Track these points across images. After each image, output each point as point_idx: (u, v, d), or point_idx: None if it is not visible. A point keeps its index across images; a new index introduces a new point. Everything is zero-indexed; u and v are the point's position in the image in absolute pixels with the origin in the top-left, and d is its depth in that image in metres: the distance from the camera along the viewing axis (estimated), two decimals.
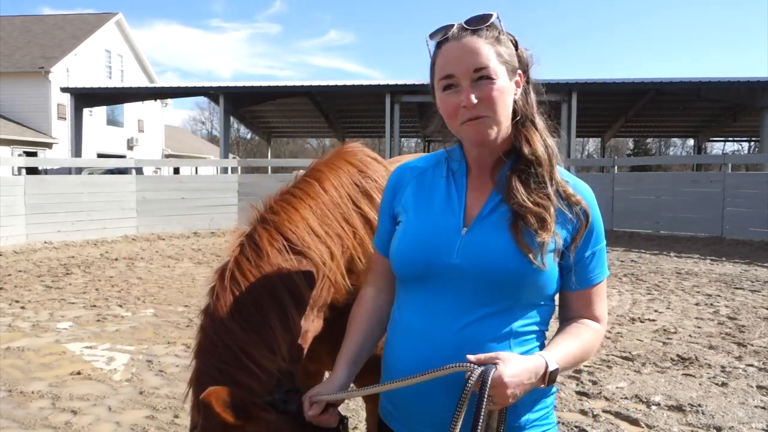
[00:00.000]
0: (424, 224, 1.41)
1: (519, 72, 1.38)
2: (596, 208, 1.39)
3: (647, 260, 10.83)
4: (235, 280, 1.53)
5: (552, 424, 1.42)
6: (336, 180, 1.85)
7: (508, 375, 1.19)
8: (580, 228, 1.34)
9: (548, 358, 1.26)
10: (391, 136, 20.54)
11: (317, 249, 1.66)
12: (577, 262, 1.35)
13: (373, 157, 2.09)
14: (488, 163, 1.41)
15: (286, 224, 1.65)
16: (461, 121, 1.34)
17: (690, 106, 24.08)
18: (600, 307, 1.41)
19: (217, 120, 30.39)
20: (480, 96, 1.30)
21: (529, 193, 1.33)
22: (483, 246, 1.32)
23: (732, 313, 6.77)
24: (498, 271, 1.29)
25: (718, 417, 3.87)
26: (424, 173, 1.50)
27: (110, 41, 30.32)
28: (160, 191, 14.79)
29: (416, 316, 1.38)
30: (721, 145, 43.81)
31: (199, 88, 23.46)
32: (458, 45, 1.33)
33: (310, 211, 1.72)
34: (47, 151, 25.64)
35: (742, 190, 13.65)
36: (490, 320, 1.31)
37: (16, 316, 6.51)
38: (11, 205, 12.02)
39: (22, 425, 3.78)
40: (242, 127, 43.89)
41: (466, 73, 1.31)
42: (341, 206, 1.79)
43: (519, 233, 1.29)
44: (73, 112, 22.08)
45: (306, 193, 1.77)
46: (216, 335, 1.46)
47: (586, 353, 1.38)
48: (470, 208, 1.39)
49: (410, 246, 1.40)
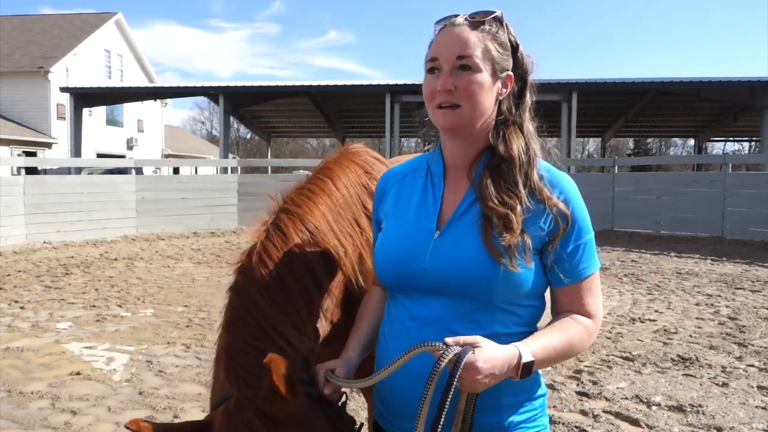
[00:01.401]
0: (400, 230, 1.41)
1: (509, 74, 1.37)
2: (578, 200, 1.35)
3: (647, 260, 10.83)
4: (262, 261, 1.54)
5: (543, 426, 1.39)
6: (346, 179, 1.87)
7: (481, 360, 1.18)
8: (557, 231, 1.31)
9: (522, 349, 1.23)
10: (391, 136, 20.54)
11: (335, 244, 1.69)
12: (559, 258, 1.32)
13: (376, 157, 2.10)
14: (463, 161, 1.40)
15: (308, 217, 1.68)
16: (435, 105, 1.35)
17: (690, 106, 24.08)
18: (591, 302, 1.36)
19: (217, 120, 30.39)
20: (457, 84, 1.31)
21: (498, 191, 1.31)
22: (453, 250, 1.31)
23: (732, 313, 6.76)
24: (468, 275, 1.28)
25: (718, 417, 3.86)
26: (404, 178, 1.51)
27: (110, 41, 30.31)
28: (160, 191, 14.79)
29: (401, 322, 1.38)
30: (721, 145, 43.81)
31: (199, 88, 23.47)
32: (451, 32, 1.35)
33: (327, 208, 1.75)
34: (47, 151, 25.64)
35: (742, 190, 13.65)
36: (470, 324, 1.30)
37: (16, 317, 6.50)
38: (11, 205, 12.01)
39: (21, 425, 3.77)
40: (242, 127, 43.90)
41: (448, 59, 1.32)
42: (351, 206, 1.82)
43: (488, 235, 1.28)
44: (72, 112, 22.08)
45: (322, 190, 1.79)
46: (246, 311, 1.46)
47: (572, 348, 1.32)
48: (445, 210, 1.38)
49: (386, 254, 1.41)
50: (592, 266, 1.36)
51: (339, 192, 1.82)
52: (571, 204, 1.33)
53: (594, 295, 1.37)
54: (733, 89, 19.27)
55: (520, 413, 1.35)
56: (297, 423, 1.33)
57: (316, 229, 1.67)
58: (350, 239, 1.76)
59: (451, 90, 1.31)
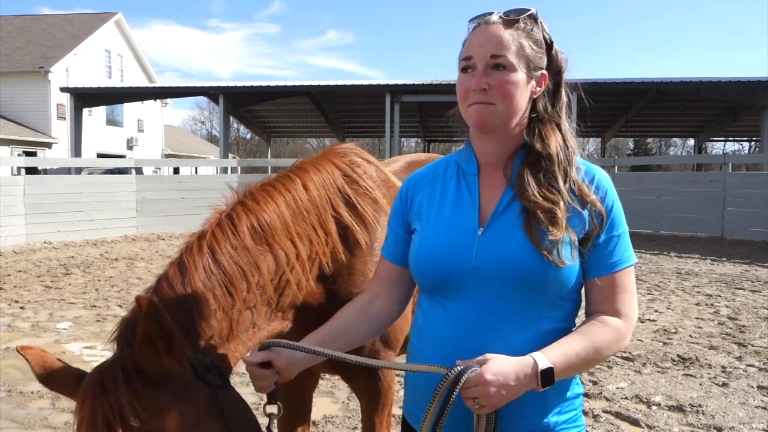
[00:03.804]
0: (440, 230, 1.39)
1: (543, 72, 1.37)
2: (613, 193, 1.36)
3: (648, 260, 10.83)
4: (207, 246, 1.55)
5: (581, 426, 1.39)
6: (318, 180, 1.82)
7: (490, 373, 1.18)
8: (592, 230, 1.31)
9: (538, 358, 1.22)
10: (391, 136, 20.51)
11: (284, 245, 1.65)
12: (592, 248, 1.32)
13: (366, 158, 2.04)
14: (497, 159, 1.39)
15: (262, 214, 1.65)
16: (468, 104, 1.34)
17: (690, 106, 24.05)
18: (623, 300, 1.32)
19: (217, 120, 30.35)
20: (491, 83, 1.30)
21: (540, 187, 1.31)
22: (500, 246, 1.30)
23: (732, 313, 6.76)
24: (518, 270, 1.27)
25: (718, 417, 3.86)
26: (435, 179, 1.49)
27: (110, 41, 30.31)
28: (160, 191, 14.79)
29: (442, 323, 1.36)
30: (721, 145, 43.76)
31: (199, 88, 23.45)
32: (485, 30, 1.34)
33: (287, 207, 1.71)
34: (47, 151, 25.64)
35: (742, 190, 13.65)
36: (516, 321, 1.29)
37: (16, 316, 6.50)
38: (11, 205, 12.01)
39: (22, 425, 3.77)
40: (242, 127, 43.88)
41: (482, 57, 1.32)
42: (319, 208, 1.77)
43: (533, 230, 1.27)
44: (72, 111, 22.04)
45: (286, 189, 1.75)
46: (166, 283, 1.48)
47: (598, 352, 1.28)
48: (485, 207, 1.37)
49: (427, 254, 1.38)
50: (625, 260, 1.34)
51: (307, 192, 1.77)
52: (607, 196, 1.34)
53: (627, 292, 1.33)
54: (733, 89, 19.23)
55: (564, 413, 1.34)
56: (172, 389, 1.29)
57: (268, 226, 1.64)
58: (308, 243, 1.71)
59: (485, 89, 1.31)
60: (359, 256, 1.86)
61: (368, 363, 1.38)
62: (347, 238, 1.82)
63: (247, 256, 1.58)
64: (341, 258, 1.80)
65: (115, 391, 1.25)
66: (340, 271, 1.83)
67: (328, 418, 3.87)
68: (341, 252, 1.79)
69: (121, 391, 1.25)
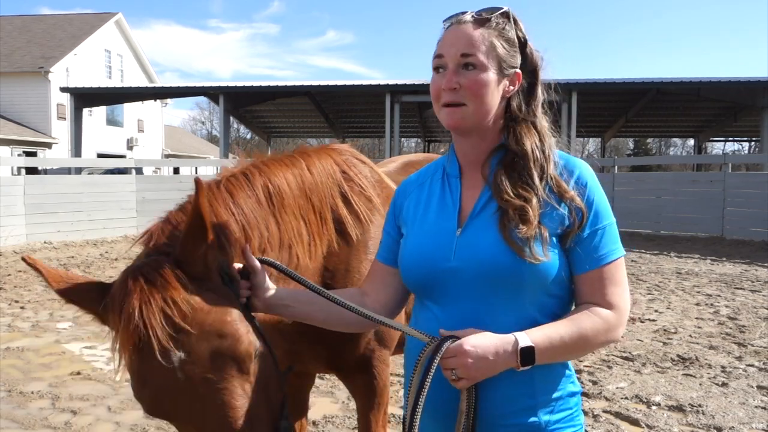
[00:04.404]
0: (424, 232, 1.41)
1: (517, 71, 1.36)
2: (595, 185, 1.33)
3: (647, 260, 10.83)
4: (229, 191, 1.56)
5: (578, 426, 1.38)
6: (320, 167, 1.84)
7: (469, 344, 1.19)
8: (573, 225, 1.29)
9: (519, 336, 1.22)
10: (391, 136, 20.53)
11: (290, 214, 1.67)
12: (577, 243, 1.29)
13: (360, 159, 2.08)
14: (476, 158, 1.40)
15: (275, 178, 1.67)
16: (441, 104, 1.34)
17: (690, 106, 24.08)
18: (612, 291, 1.30)
19: (217, 120, 30.37)
20: (462, 83, 1.31)
21: (513, 185, 1.31)
22: (476, 245, 1.31)
23: (732, 313, 6.76)
24: (493, 269, 1.28)
25: (718, 417, 3.86)
26: (422, 184, 1.51)
27: (110, 41, 30.31)
28: (160, 191, 14.77)
29: (429, 325, 1.36)
30: (721, 145, 43.81)
31: (199, 88, 23.46)
32: (457, 29, 1.34)
33: (294, 180, 1.73)
34: (47, 151, 25.64)
35: (742, 190, 13.66)
36: (499, 320, 1.29)
37: (16, 316, 6.50)
38: (11, 205, 12.01)
39: (22, 425, 3.77)
40: (242, 127, 43.86)
41: (453, 57, 1.32)
42: (320, 194, 1.80)
43: (506, 229, 1.27)
44: (72, 112, 22.06)
45: (293, 165, 1.77)
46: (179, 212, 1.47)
47: (585, 340, 1.27)
48: (464, 208, 1.38)
49: (411, 256, 1.41)
50: (612, 253, 1.32)
51: (311, 174, 1.79)
52: (588, 189, 1.32)
53: (616, 285, 1.31)
54: (733, 89, 19.25)
55: (557, 412, 1.33)
56: (212, 288, 1.25)
57: (279, 191, 1.65)
58: (305, 224, 1.72)
59: (455, 88, 1.31)
60: (354, 252, 1.90)
61: (359, 310, 1.36)
62: (341, 231, 1.86)
63: (262, 211, 1.59)
64: (334, 247, 1.83)
65: (166, 286, 1.16)
66: (338, 267, 1.87)
67: (328, 418, 3.88)
68: (335, 242, 1.83)
69: (174, 286, 1.17)
